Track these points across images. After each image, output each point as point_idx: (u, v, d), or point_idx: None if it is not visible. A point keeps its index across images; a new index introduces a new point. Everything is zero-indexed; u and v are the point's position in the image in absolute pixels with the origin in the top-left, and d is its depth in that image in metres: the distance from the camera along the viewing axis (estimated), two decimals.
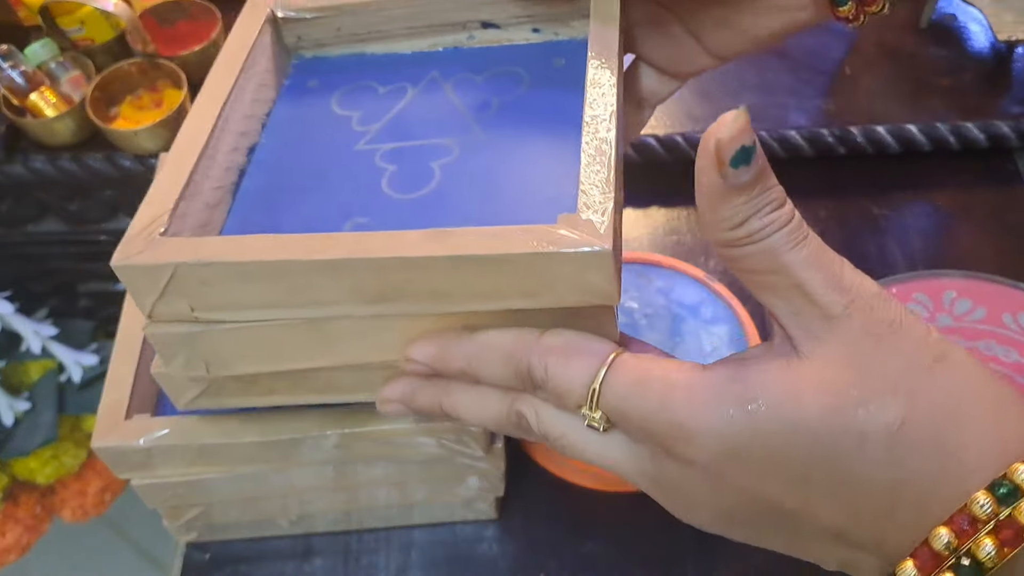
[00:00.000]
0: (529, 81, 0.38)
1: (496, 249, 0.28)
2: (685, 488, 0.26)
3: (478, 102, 0.37)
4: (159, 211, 0.31)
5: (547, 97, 0.37)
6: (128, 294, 0.40)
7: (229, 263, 0.29)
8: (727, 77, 0.68)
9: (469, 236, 0.28)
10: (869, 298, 0.25)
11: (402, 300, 0.30)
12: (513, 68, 0.39)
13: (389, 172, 0.35)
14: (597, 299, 0.29)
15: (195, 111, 0.35)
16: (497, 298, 0.29)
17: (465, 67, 0.39)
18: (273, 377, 0.34)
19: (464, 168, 0.35)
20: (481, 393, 0.30)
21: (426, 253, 0.28)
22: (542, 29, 0.39)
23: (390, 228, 0.31)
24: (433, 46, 0.40)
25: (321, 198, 0.34)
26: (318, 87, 0.40)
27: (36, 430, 0.86)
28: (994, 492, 0.23)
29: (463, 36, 0.40)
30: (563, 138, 0.35)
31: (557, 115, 0.36)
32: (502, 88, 0.38)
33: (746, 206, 0.25)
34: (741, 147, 0.24)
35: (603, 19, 0.36)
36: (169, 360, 0.33)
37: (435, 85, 0.39)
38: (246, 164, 0.36)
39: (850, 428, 0.24)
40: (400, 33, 0.40)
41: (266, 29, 0.39)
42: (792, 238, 0.25)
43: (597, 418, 0.27)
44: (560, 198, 0.32)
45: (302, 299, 0.30)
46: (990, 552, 0.22)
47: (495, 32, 0.40)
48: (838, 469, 0.24)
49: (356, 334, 0.32)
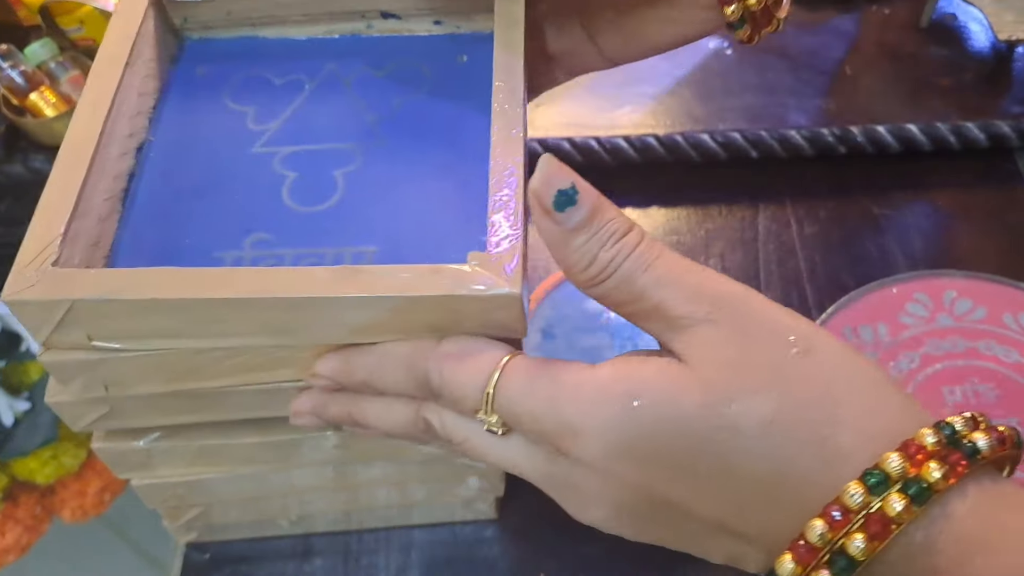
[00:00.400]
0: (432, 79, 0.37)
1: (406, 290, 0.28)
2: (578, 486, 0.27)
3: (380, 103, 0.36)
4: (50, 236, 0.29)
5: (451, 101, 0.36)
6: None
7: (128, 300, 0.28)
8: (728, 77, 0.68)
9: (378, 275, 0.28)
10: (731, 300, 0.26)
11: (308, 332, 0.30)
12: (415, 63, 0.38)
13: (290, 180, 0.34)
14: (504, 333, 0.29)
15: (79, 118, 0.33)
16: (405, 333, 0.29)
17: (365, 60, 0.38)
18: (177, 396, 0.33)
19: (367, 179, 0.34)
20: (387, 402, 0.31)
21: (334, 293, 0.28)
22: (444, 21, 0.39)
23: (293, 246, 0.31)
24: (329, 32, 0.39)
25: (219, 207, 0.33)
26: (208, 76, 0.38)
27: (36, 430, 0.86)
28: (865, 482, 0.23)
29: (362, 25, 0.39)
30: (468, 151, 0.34)
31: (461, 123, 0.35)
32: (404, 88, 0.37)
33: (589, 243, 0.26)
34: (558, 191, 0.25)
35: (507, 46, 0.35)
36: (66, 384, 0.32)
37: (334, 79, 0.37)
38: (135, 167, 0.34)
39: (724, 423, 0.24)
40: (295, 19, 0.38)
41: (149, 14, 0.36)
42: (642, 261, 0.26)
43: (494, 422, 0.28)
44: (467, 220, 0.32)
45: (204, 331, 0.30)
46: (860, 546, 0.23)
47: (395, 22, 0.39)
48: (718, 462, 0.24)
49: (261, 361, 0.31)
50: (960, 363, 0.51)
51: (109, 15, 0.71)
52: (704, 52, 0.70)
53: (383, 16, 0.39)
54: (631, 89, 0.67)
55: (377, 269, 0.28)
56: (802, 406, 0.24)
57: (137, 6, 0.36)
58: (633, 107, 0.66)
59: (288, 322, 0.29)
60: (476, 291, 0.28)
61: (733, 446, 0.24)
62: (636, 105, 0.66)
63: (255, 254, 0.32)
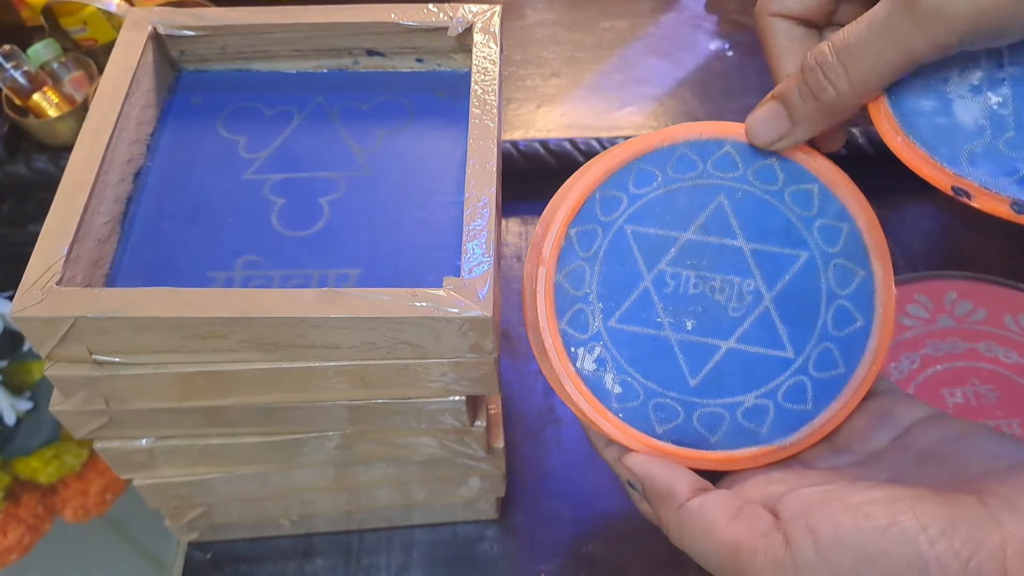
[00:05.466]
0: (413, 113, 0.39)
1: (386, 312, 0.30)
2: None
3: (364, 134, 0.39)
4: (53, 257, 0.31)
5: (430, 134, 0.39)
6: None
7: (128, 318, 0.30)
8: (728, 79, 0.68)
9: (361, 298, 0.30)
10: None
11: (296, 350, 0.32)
12: (397, 97, 0.40)
13: (278, 206, 0.36)
14: (477, 354, 0.32)
15: (81, 145, 0.35)
16: (385, 350, 0.32)
17: (350, 94, 0.40)
18: (175, 413, 0.35)
19: (351, 206, 0.36)
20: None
21: (320, 314, 0.30)
22: (425, 60, 0.41)
23: (281, 267, 0.34)
24: (318, 67, 0.41)
25: (212, 230, 0.35)
26: (203, 105, 0.40)
27: (38, 430, 0.86)
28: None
29: (348, 61, 0.41)
30: (445, 181, 0.37)
31: (439, 155, 0.38)
32: (387, 120, 0.39)
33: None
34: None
35: (483, 83, 0.37)
36: (69, 396, 0.33)
37: (321, 112, 0.40)
38: (133, 191, 0.36)
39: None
40: (286, 54, 0.41)
41: (149, 47, 0.39)
42: None
43: None
44: (443, 247, 0.34)
45: (199, 347, 0.31)
46: None
47: (380, 59, 0.41)
48: None
49: (253, 378, 0.33)
50: (960, 364, 0.51)
51: (112, 16, 0.71)
52: (705, 54, 0.71)
53: (368, 53, 0.41)
54: (632, 90, 0.67)
55: (359, 292, 0.31)
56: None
57: (137, 39, 0.38)
58: (634, 108, 0.66)
59: (277, 340, 0.31)
60: (451, 313, 0.30)
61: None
62: (637, 106, 0.66)
63: (245, 274, 0.34)
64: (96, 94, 0.36)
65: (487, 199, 0.33)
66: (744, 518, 0.26)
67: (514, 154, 0.61)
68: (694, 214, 0.31)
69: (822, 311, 0.32)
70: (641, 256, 0.31)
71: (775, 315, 0.31)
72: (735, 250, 0.31)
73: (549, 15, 0.75)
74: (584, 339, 0.31)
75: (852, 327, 0.32)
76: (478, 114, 0.36)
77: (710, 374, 0.31)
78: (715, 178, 0.32)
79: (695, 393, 0.31)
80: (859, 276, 0.32)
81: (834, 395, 0.31)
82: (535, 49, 0.71)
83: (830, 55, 0.28)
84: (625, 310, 0.31)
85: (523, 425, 0.51)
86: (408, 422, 0.37)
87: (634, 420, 0.31)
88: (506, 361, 0.53)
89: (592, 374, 0.31)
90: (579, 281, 0.31)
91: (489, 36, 0.39)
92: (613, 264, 0.31)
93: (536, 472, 0.49)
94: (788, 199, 0.32)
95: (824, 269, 0.32)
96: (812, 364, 0.31)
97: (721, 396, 0.31)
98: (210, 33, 0.39)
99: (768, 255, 0.32)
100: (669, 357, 0.31)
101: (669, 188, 0.31)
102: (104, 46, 0.69)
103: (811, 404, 0.31)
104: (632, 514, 0.47)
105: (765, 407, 0.31)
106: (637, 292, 0.31)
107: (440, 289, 0.31)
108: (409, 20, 0.39)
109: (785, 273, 0.32)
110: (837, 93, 0.28)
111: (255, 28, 0.39)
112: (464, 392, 0.35)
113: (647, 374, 0.31)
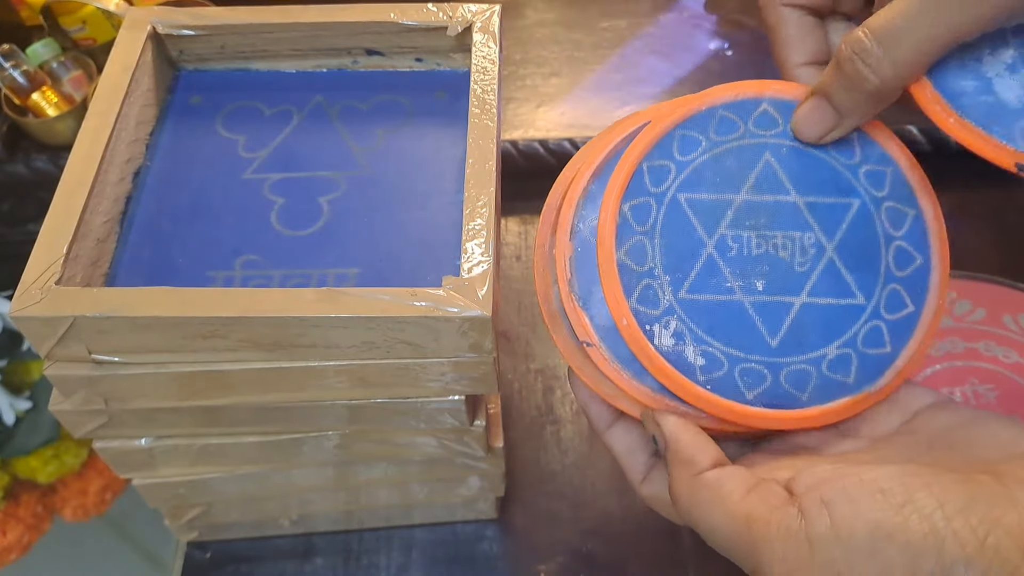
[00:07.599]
0: (412, 113, 0.39)
1: (386, 311, 0.30)
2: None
3: (363, 133, 0.39)
4: (53, 257, 0.31)
5: (429, 133, 0.39)
6: None
7: (127, 317, 0.30)
8: (727, 78, 0.68)
9: (360, 297, 0.30)
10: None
11: (295, 350, 0.32)
12: (397, 97, 0.40)
13: (278, 206, 0.36)
14: (476, 352, 0.32)
15: (80, 144, 0.34)
16: (384, 349, 0.32)
17: (350, 93, 0.40)
18: (174, 412, 0.35)
19: (350, 205, 0.36)
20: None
21: (319, 313, 0.30)
22: (425, 59, 0.41)
23: (281, 267, 0.33)
24: (317, 67, 0.41)
25: (211, 230, 0.35)
26: (202, 104, 0.40)
27: (37, 429, 0.86)
28: None
29: (348, 60, 0.41)
30: (444, 181, 0.37)
31: (439, 155, 0.38)
32: (386, 120, 0.39)
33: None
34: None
35: (483, 83, 0.37)
36: (68, 395, 0.33)
37: (320, 111, 0.40)
38: (133, 190, 0.36)
39: None
40: (285, 54, 0.41)
41: (148, 46, 0.39)
42: None
43: None
44: (442, 246, 0.34)
45: (199, 347, 0.31)
46: None
47: (379, 59, 0.41)
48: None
49: (252, 378, 0.33)
50: (960, 364, 0.51)
51: (111, 15, 0.71)
52: (704, 53, 0.71)
53: (368, 53, 0.41)
54: (632, 90, 0.67)
55: (359, 291, 0.30)
56: None
57: (137, 38, 0.38)
58: (634, 108, 0.66)
59: (276, 339, 0.31)
60: (450, 313, 0.30)
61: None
62: (637, 106, 0.66)
63: (245, 274, 0.34)
64: (95, 93, 0.36)
65: (486, 199, 0.33)
66: (759, 492, 0.26)
67: (513, 154, 0.61)
68: (744, 175, 0.31)
69: (883, 254, 0.32)
70: (699, 223, 0.31)
71: (840, 264, 0.31)
72: (790, 205, 0.31)
73: (549, 15, 0.75)
74: (657, 315, 0.30)
75: (913, 265, 0.32)
76: (477, 114, 0.36)
77: (789, 332, 0.31)
78: (758, 137, 0.32)
79: (778, 353, 0.31)
80: (910, 216, 0.32)
81: (909, 334, 0.31)
82: (535, 49, 0.71)
83: (868, 41, 0.28)
84: (693, 279, 0.31)
85: (522, 425, 0.51)
86: (407, 422, 0.37)
87: (723, 390, 0.30)
88: (506, 361, 0.53)
89: (672, 349, 0.30)
90: (642, 256, 0.30)
91: (488, 36, 0.39)
92: (673, 235, 0.31)
93: (535, 471, 0.49)
94: (831, 150, 0.32)
95: (877, 213, 0.32)
96: (884, 307, 0.31)
97: (804, 352, 0.31)
98: (209, 32, 0.39)
99: (822, 206, 0.31)
100: (746, 321, 0.31)
101: (715, 152, 0.31)
102: (103, 45, 0.69)
103: (890, 347, 0.31)
104: (632, 514, 0.47)
105: (847, 356, 0.31)
106: (702, 260, 0.31)
107: (439, 289, 0.30)
108: (408, 19, 0.39)
109: (842, 222, 0.31)
110: (880, 80, 0.28)
111: (254, 27, 0.39)
112: (463, 392, 0.35)
113: (728, 341, 0.30)
